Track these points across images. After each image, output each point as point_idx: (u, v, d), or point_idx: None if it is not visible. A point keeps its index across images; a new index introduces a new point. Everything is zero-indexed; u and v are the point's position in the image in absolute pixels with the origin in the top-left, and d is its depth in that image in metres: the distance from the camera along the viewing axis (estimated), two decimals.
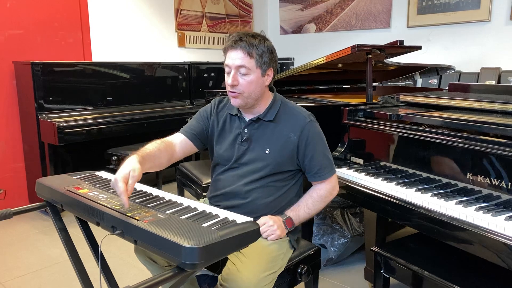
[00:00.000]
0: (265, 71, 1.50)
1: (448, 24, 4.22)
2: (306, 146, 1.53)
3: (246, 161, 1.56)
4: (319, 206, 1.57)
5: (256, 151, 1.55)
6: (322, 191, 1.57)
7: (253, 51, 1.45)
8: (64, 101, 3.35)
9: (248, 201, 1.54)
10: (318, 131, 1.58)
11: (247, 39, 1.46)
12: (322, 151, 1.56)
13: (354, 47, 2.18)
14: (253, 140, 1.56)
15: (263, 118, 1.56)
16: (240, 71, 1.46)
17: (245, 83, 1.47)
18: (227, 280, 1.34)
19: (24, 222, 3.18)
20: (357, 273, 2.35)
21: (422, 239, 1.73)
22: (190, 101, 4.31)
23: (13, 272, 2.46)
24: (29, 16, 3.41)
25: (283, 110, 1.58)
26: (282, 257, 1.50)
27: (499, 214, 1.28)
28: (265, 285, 1.37)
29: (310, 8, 5.41)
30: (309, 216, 1.56)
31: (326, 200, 1.58)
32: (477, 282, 1.41)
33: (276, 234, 1.46)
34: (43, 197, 1.39)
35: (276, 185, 1.56)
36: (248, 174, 1.55)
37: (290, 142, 1.53)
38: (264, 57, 1.48)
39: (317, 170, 1.55)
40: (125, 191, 1.15)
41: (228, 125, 1.63)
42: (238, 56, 1.45)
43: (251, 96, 1.50)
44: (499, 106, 1.66)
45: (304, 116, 1.56)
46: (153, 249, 1.01)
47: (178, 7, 4.70)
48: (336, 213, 2.55)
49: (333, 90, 3.20)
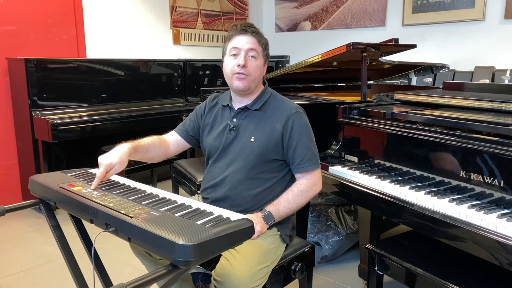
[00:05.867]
0: (265, 61, 1.60)
1: (442, 23, 4.24)
2: (290, 135, 1.55)
3: (233, 150, 1.59)
4: (300, 201, 1.55)
5: (242, 140, 1.58)
6: (303, 186, 1.56)
7: (261, 40, 1.57)
8: (58, 98, 3.33)
9: (234, 193, 1.55)
10: (304, 123, 1.59)
11: (256, 29, 1.58)
12: (306, 142, 1.57)
13: (349, 45, 2.18)
14: (240, 129, 1.60)
15: (251, 108, 1.60)
16: (249, 54, 1.54)
17: (254, 66, 1.54)
18: (221, 275, 1.34)
19: (17, 219, 3.16)
20: (351, 270, 2.36)
21: (415, 237, 1.73)
22: (185, 98, 4.30)
23: (6, 270, 2.45)
24: (22, 12, 3.38)
25: (271, 101, 1.63)
26: (274, 251, 1.51)
27: (491, 211, 1.29)
28: (259, 279, 1.38)
29: (305, 6, 5.41)
30: (290, 211, 1.54)
31: (307, 195, 1.57)
32: (470, 279, 1.42)
33: (256, 230, 1.44)
34: (36, 194, 1.38)
35: (262, 177, 1.57)
36: (233, 163, 1.58)
37: (275, 131, 1.56)
38: (266, 49, 1.60)
39: (299, 161, 1.56)
40: (102, 177, 1.34)
41: (219, 117, 1.68)
42: (250, 41, 1.54)
43: (254, 81, 1.57)
44: (492, 105, 1.67)
45: (291, 107, 1.59)
46: (147, 247, 1.01)
47: (174, 4, 4.68)
48: (331, 211, 2.56)
49: (328, 88, 3.20)
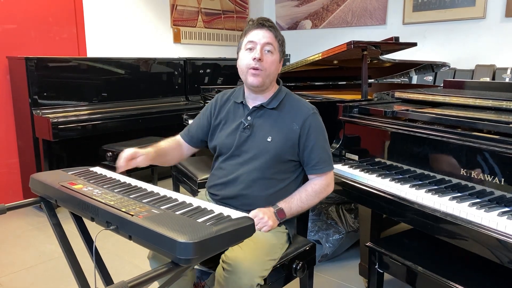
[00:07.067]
0: (281, 58, 1.57)
1: (443, 21, 4.23)
2: (308, 137, 1.54)
3: (247, 149, 1.56)
4: (312, 201, 1.56)
5: (258, 139, 1.55)
6: (317, 186, 1.57)
7: (278, 35, 1.55)
8: (58, 97, 3.33)
9: (248, 192, 1.54)
10: (320, 125, 1.59)
11: (273, 24, 1.55)
12: (322, 144, 1.57)
13: (350, 43, 2.18)
14: (255, 127, 1.57)
15: (267, 106, 1.57)
16: (265, 48, 1.51)
17: (270, 61, 1.51)
18: (232, 259, 1.34)
19: (18, 218, 3.17)
20: (351, 268, 2.36)
21: (416, 235, 1.74)
22: (185, 97, 4.30)
23: (7, 268, 2.45)
24: (23, 11, 3.38)
25: (287, 101, 1.60)
26: (280, 247, 1.53)
27: (492, 209, 1.29)
28: (265, 269, 1.41)
29: (306, 5, 5.40)
30: (301, 210, 1.55)
31: (320, 196, 1.57)
32: (471, 277, 1.42)
33: (268, 225, 1.45)
34: (37, 192, 1.38)
35: (277, 177, 1.56)
36: (248, 162, 1.55)
37: (292, 132, 1.54)
38: (283, 46, 1.58)
39: (315, 162, 1.55)
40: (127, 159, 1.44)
41: (232, 114, 1.64)
42: (266, 35, 1.51)
43: (269, 77, 1.53)
44: (493, 103, 1.67)
45: (308, 108, 1.58)
46: (148, 245, 1.01)
47: (174, 3, 4.67)
48: (331, 209, 2.56)
49: (329, 86, 3.20)
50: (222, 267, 1.37)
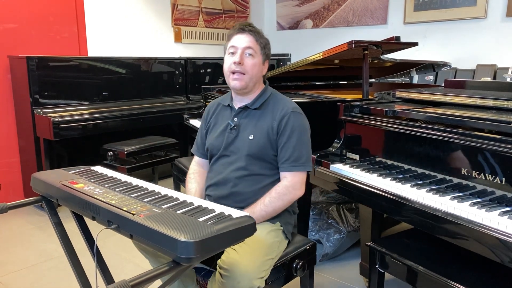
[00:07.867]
0: (264, 60, 1.62)
1: (444, 21, 4.22)
2: (282, 134, 1.57)
3: (234, 149, 1.61)
4: (276, 204, 1.53)
5: (242, 138, 1.60)
6: (279, 188, 1.55)
7: (259, 39, 1.60)
8: (59, 96, 3.33)
9: (237, 190, 1.57)
10: (299, 124, 1.59)
11: (254, 28, 1.61)
12: (294, 143, 1.56)
13: (351, 43, 2.18)
14: (241, 127, 1.62)
15: (251, 107, 1.63)
16: (246, 52, 1.56)
17: (250, 64, 1.56)
18: (228, 264, 1.34)
19: (20, 217, 3.17)
20: (352, 268, 2.36)
21: (417, 235, 1.73)
22: (186, 96, 4.30)
23: (8, 267, 2.46)
24: (24, 10, 3.38)
25: (271, 100, 1.64)
26: (278, 245, 1.53)
27: (493, 209, 1.29)
28: (264, 270, 1.40)
29: (307, 4, 5.40)
30: (266, 214, 1.52)
31: (285, 198, 1.54)
32: (471, 276, 1.42)
33: None
34: (38, 191, 1.39)
35: (263, 172, 1.59)
36: (235, 161, 1.60)
37: (271, 129, 1.58)
38: (266, 48, 1.62)
39: (284, 160, 1.57)
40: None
41: (220, 117, 1.71)
42: (247, 39, 1.57)
43: (252, 79, 1.58)
44: (494, 103, 1.67)
45: (288, 106, 1.61)
46: (149, 243, 1.01)
47: (175, 2, 4.67)
48: (332, 209, 2.56)
49: (330, 86, 3.20)
50: (219, 273, 1.37)
